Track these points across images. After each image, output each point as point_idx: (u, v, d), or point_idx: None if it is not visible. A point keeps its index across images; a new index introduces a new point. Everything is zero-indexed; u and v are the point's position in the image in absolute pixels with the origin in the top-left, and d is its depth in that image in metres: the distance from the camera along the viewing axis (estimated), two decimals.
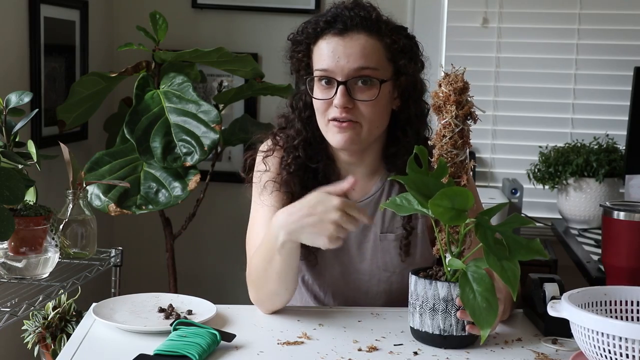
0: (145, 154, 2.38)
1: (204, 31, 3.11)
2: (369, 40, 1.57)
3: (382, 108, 1.60)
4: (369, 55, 1.56)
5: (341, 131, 1.58)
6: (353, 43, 1.56)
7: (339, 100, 1.55)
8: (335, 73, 1.56)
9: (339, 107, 1.56)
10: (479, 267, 1.29)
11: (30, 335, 1.93)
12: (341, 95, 1.55)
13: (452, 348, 1.39)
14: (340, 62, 1.55)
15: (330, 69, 1.57)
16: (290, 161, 1.66)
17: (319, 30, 1.59)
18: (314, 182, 1.65)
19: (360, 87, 1.56)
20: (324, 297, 1.73)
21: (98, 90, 2.62)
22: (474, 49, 3.03)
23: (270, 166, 1.68)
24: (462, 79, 1.40)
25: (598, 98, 2.99)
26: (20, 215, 1.68)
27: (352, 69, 1.55)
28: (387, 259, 1.68)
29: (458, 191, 1.28)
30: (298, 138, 1.67)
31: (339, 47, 1.56)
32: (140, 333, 1.42)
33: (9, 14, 2.41)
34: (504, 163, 3.07)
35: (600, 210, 2.02)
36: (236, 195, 3.10)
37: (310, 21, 1.63)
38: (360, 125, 1.58)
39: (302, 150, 1.66)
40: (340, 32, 1.57)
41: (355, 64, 1.55)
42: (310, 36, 1.61)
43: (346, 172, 1.69)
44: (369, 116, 1.57)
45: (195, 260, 3.20)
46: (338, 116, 1.56)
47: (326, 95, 1.58)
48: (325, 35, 1.59)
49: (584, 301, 1.32)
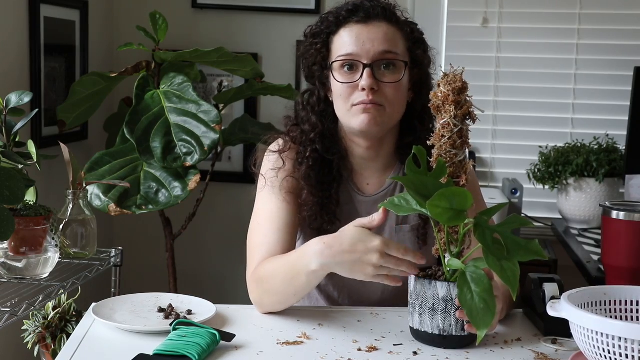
0: (145, 154, 2.39)
1: (204, 31, 3.11)
2: (390, 28, 1.62)
3: (403, 93, 1.63)
4: (392, 40, 1.61)
5: (366, 112, 1.60)
6: (377, 29, 1.61)
7: (366, 81, 1.58)
8: (361, 56, 1.60)
9: (366, 88, 1.58)
10: (478, 267, 1.29)
11: (30, 335, 1.93)
12: (368, 76, 1.58)
13: (452, 348, 1.39)
14: (366, 46, 1.60)
15: (356, 52, 1.60)
16: (308, 154, 1.68)
17: (342, 19, 1.64)
18: (329, 176, 1.68)
19: (384, 71, 1.60)
20: (338, 297, 1.73)
21: (98, 90, 2.63)
22: (474, 49, 3.03)
23: (286, 162, 1.69)
24: (460, 78, 1.40)
25: (598, 98, 2.99)
26: (20, 215, 1.68)
27: (378, 52, 1.59)
28: None
29: (456, 192, 1.28)
30: (314, 131, 1.69)
31: (363, 33, 1.61)
32: (140, 333, 1.42)
33: (9, 14, 2.41)
34: (504, 163, 3.07)
35: (600, 210, 2.02)
36: (236, 195, 3.13)
37: (330, 12, 1.67)
38: (385, 108, 1.60)
39: (319, 143, 1.68)
40: (363, 20, 1.62)
41: (380, 48, 1.59)
42: (331, 25, 1.65)
43: (360, 168, 1.72)
44: (392, 99, 1.61)
45: (195, 260, 3.21)
46: (365, 99, 1.59)
47: (350, 79, 1.61)
48: (348, 23, 1.63)
49: (583, 301, 1.32)
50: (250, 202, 1.72)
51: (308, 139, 1.68)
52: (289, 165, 1.69)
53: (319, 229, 1.66)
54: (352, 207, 1.71)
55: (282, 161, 1.69)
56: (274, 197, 1.66)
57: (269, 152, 1.73)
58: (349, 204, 1.71)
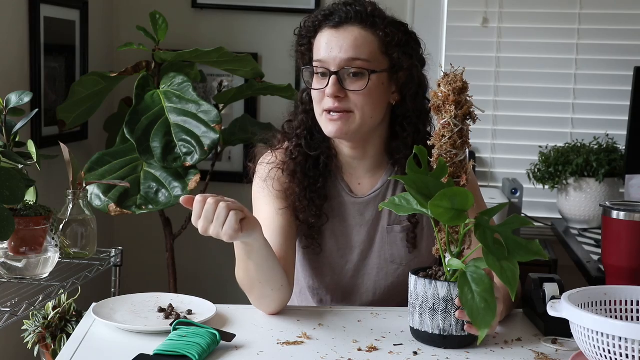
0: (145, 154, 2.39)
1: (204, 31, 3.11)
2: (362, 32, 1.61)
3: (375, 99, 1.62)
4: (361, 46, 1.60)
5: (333, 122, 1.62)
6: (346, 35, 1.61)
7: (330, 89, 1.60)
8: (329, 64, 1.61)
9: (330, 97, 1.60)
10: (479, 267, 1.29)
11: (30, 335, 1.93)
12: (332, 84, 1.60)
13: (452, 348, 1.39)
14: (333, 53, 1.61)
15: (324, 59, 1.62)
16: (292, 149, 1.70)
17: (317, 23, 1.65)
18: (315, 171, 1.69)
19: (351, 77, 1.61)
20: (331, 301, 1.74)
21: (98, 90, 2.63)
22: (474, 49, 3.03)
23: (277, 156, 1.72)
24: (461, 78, 1.40)
25: (598, 98, 2.99)
26: (20, 215, 1.68)
27: (344, 59, 1.60)
28: (394, 250, 1.71)
29: (458, 191, 1.28)
30: (301, 128, 1.71)
31: (332, 39, 1.62)
32: (140, 333, 1.42)
33: (9, 14, 2.41)
34: (504, 163, 3.07)
35: (600, 210, 2.02)
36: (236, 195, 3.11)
37: (310, 16, 1.69)
38: (353, 114, 1.61)
39: (303, 139, 1.70)
40: (335, 25, 1.62)
41: (346, 55, 1.60)
42: (310, 30, 1.67)
43: (349, 167, 1.73)
44: (360, 106, 1.61)
45: (195, 260, 3.21)
46: (331, 106, 1.61)
47: (321, 85, 1.63)
48: (323, 28, 1.64)
49: (583, 301, 1.32)
50: (250, 202, 1.72)
51: (295, 135, 1.72)
52: (280, 158, 1.71)
53: (306, 221, 1.69)
54: (342, 206, 1.72)
55: (272, 156, 1.71)
56: (268, 202, 1.68)
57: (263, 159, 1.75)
58: (338, 202, 1.72)
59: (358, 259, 1.72)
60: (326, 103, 1.62)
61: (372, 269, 1.72)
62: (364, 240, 1.72)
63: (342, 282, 1.73)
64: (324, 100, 1.62)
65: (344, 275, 1.72)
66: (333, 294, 1.74)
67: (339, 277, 1.72)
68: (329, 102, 1.61)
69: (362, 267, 1.72)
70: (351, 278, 1.72)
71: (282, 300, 1.56)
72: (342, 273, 1.72)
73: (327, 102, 1.61)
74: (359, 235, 1.71)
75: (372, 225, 1.72)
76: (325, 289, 1.74)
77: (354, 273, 1.72)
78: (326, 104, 1.62)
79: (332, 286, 1.73)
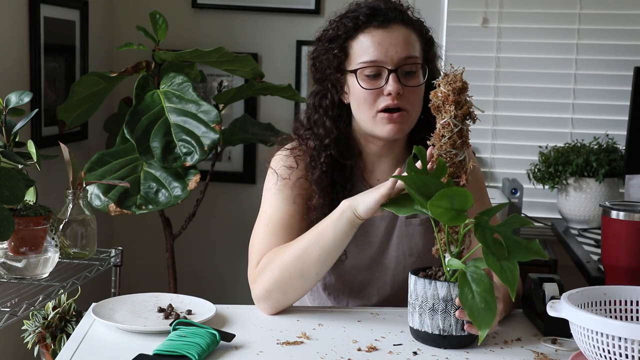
0: (145, 154, 2.39)
1: (204, 31, 3.12)
2: (407, 31, 1.63)
3: (422, 95, 1.65)
4: (412, 44, 1.63)
5: (392, 122, 1.61)
6: (397, 34, 1.62)
7: (392, 86, 1.59)
8: (385, 62, 1.60)
9: (393, 93, 1.59)
10: (478, 267, 1.29)
11: (30, 335, 1.93)
12: (394, 81, 1.59)
13: (452, 348, 1.39)
14: (390, 52, 1.60)
15: (380, 59, 1.60)
16: (323, 160, 1.67)
17: (360, 23, 1.63)
18: (342, 178, 1.68)
19: (406, 75, 1.61)
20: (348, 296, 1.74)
21: (98, 90, 2.63)
22: (474, 49, 3.03)
23: (299, 164, 1.69)
24: (460, 78, 1.40)
25: (598, 98, 2.99)
26: (20, 215, 1.68)
27: (401, 57, 1.60)
28: (412, 243, 1.71)
29: (457, 191, 1.28)
30: (329, 137, 1.68)
31: (385, 39, 1.61)
32: (140, 333, 1.42)
33: (9, 14, 2.41)
34: (504, 163, 3.07)
35: (600, 210, 2.02)
36: (236, 195, 3.13)
37: (346, 16, 1.66)
38: (408, 113, 1.62)
39: (334, 148, 1.68)
40: (382, 25, 1.62)
41: (403, 53, 1.60)
42: (349, 30, 1.64)
43: (372, 165, 1.72)
44: (415, 102, 1.62)
45: (195, 260, 3.21)
46: (390, 104, 1.60)
47: (374, 85, 1.61)
48: (367, 28, 1.63)
49: (583, 301, 1.32)
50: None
51: (322, 145, 1.68)
52: (301, 166, 1.68)
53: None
54: None
55: (295, 163, 1.69)
56: (283, 197, 1.66)
57: (283, 150, 1.72)
58: None
59: (376, 252, 1.72)
60: (382, 102, 1.60)
61: (390, 262, 1.71)
62: (383, 234, 1.71)
63: (359, 275, 1.72)
64: (379, 99, 1.60)
65: (362, 269, 1.72)
66: (350, 288, 1.73)
67: (357, 271, 1.72)
68: (386, 100, 1.60)
69: (380, 261, 1.72)
70: (369, 272, 1.72)
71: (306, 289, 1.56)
72: (360, 267, 1.72)
73: (383, 101, 1.60)
74: (378, 230, 1.71)
75: (391, 220, 1.71)
76: (342, 284, 1.73)
77: (371, 266, 1.72)
78: (382, 103, 1.60)
79: (349, 281, 1.72)
